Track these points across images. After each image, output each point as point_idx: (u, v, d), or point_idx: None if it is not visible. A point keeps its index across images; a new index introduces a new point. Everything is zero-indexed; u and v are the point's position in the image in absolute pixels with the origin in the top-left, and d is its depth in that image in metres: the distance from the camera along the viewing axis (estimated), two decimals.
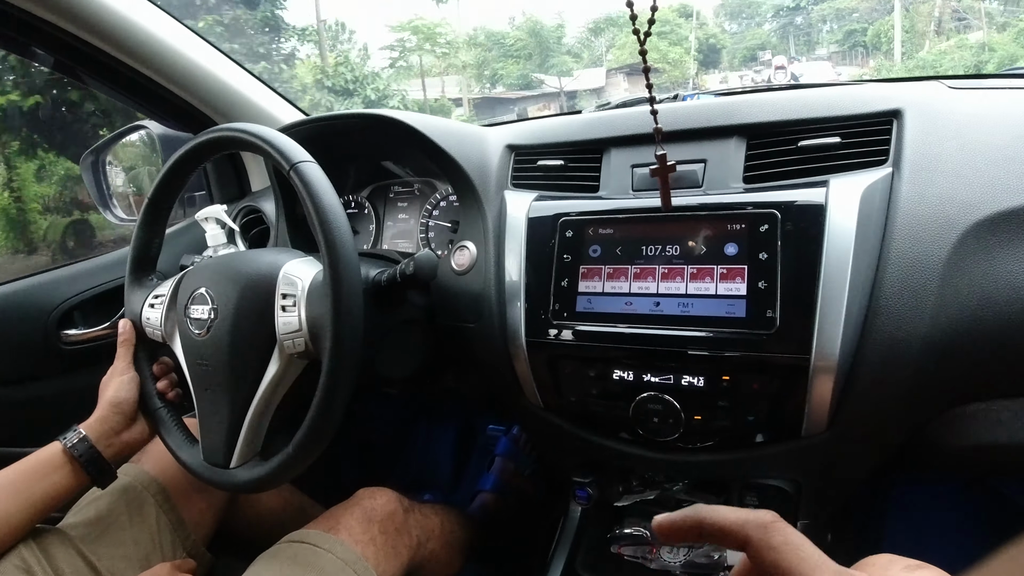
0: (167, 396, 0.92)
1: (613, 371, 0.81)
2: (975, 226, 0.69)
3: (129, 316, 0.93)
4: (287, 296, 0.77)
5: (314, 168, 0.75)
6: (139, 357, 0.92)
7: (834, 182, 0.74)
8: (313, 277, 0.79)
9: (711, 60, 37.31)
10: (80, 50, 1.09)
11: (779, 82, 6.92)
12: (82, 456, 0.84)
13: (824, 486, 0.86)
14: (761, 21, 41.80)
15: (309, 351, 0.76)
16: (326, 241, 0.70)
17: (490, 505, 1.34)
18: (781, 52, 35.91)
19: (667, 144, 0.86)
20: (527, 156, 0.97)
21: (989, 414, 0.78)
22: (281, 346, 0.77)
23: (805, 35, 38.99)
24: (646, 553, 0.95)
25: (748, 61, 38.04)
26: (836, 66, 29.70)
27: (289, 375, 0.79)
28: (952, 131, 0.76)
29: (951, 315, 0.69)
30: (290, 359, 0.77)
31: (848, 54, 32.70)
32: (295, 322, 0.76)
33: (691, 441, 0.81)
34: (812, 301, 0.70)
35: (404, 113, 0.98)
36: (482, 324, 0.90)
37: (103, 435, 0.86)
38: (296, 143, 0.77)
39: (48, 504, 0.83)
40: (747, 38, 41.60)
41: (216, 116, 1.22)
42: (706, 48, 37.01)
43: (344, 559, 0.84)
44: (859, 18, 31.32)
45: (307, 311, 0.76)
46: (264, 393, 0.78)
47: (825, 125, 0.80)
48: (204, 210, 1.08)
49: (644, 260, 0.80)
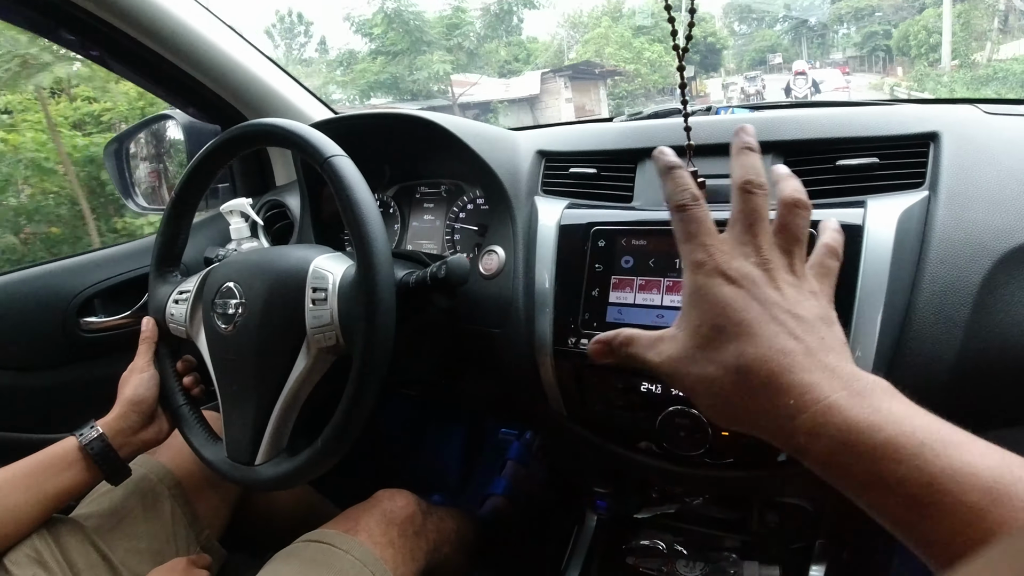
0: (192, 392, 0.91)
1: (641, 383, 0.81)
2: (1009, 253, 0.69)
3: (153, 312, 0.92)
4: (317, 290, 0.77)
5: (347, 162, 0.75)
6: (161, 354, 0.91)
7: (872, 203, 0.74)
8: (344, 272, 0.78)
9: (710, 62, 34.37)
10: (109, 36, 1.09)
11: (799, 88, 6.89)
12: (97, 453, 0.83)
13: (845, 506, 0.85)
14: (772, 22, 38.66)
15: (340, 346, 0.76)
16: (359, 236, 0.70)
17: (501, 509, 1.34)
18: (793, 56, 33.39)
19: (701, 158, 0.86)
20: (558, 163, 0.96)
21: (1015, 440, 0.78)
22: (310, 340, 0.76)
23: (819, 37, 36.26)
24: (662, 566, 0.95)
25: (757, 64, 35.38)
26: (851, 72, 27.10)
27: (317, 370, 0.78)
28: (988, 157, 0.76)
29: (981, 341, 0.68)
30: (319, 354, 0.77)
31: (868, 59, 29.89)
32: (326, 316, 0.75)
33: (715, 457, 0.80)
34: (847, 321, 0.69)
35: (436, 114, 0.98)
36: (508, 330, 0.90)
37: (120, 433, 0.85)
38: (328, 138, 0.77)
39: (61, 499, 0.83)
40: (755, 39, 38.81)
41: (245, 110, 1.22)
42: (703, 48, 34.19)
43: (362, 560, 0.84)
44: (881, 18, 27.92)
45: (339, 306, 0.75)
46: (292, 388, 0.77)
47: (863, 145, 0.80)
48: (229, 203, 1.08)
49: (677, 274, 0.79)
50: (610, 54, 22.32)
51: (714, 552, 0.94)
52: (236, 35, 1.19)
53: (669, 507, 0.93)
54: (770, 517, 0.88)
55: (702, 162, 0.85)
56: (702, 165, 0.85)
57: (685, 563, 0.94)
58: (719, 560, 0.93)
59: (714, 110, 1.00)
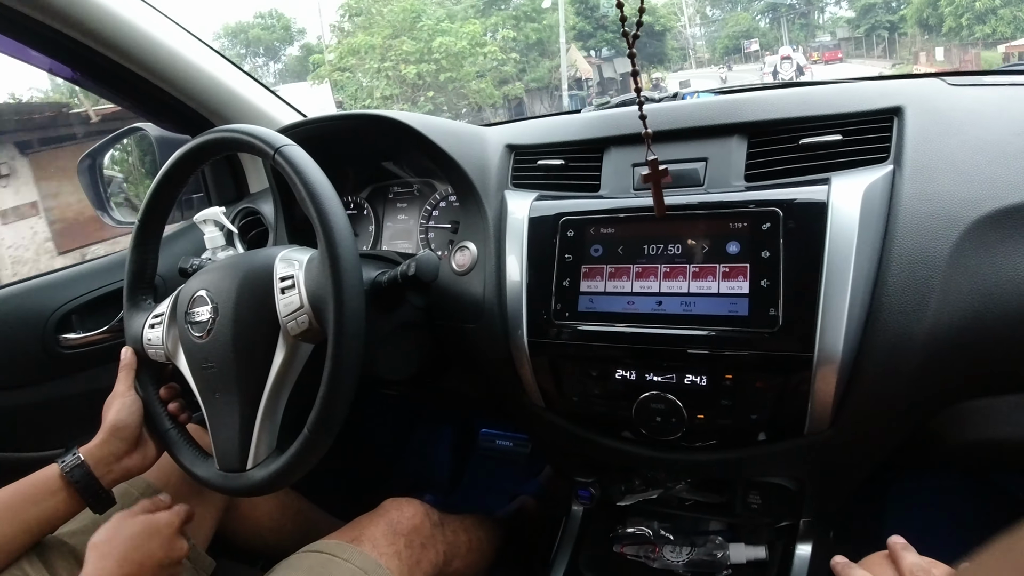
0: (179, 419, 0.90)
1: (615, 371, 0.81)
2: (977, 222, 0.69)
3: (130, 342, 0.91)
4: (285, 279, 0.77)
5: (297, 150, 0.75)
6: (144, 381, 0.90)
7: (836, 180, 0.74)
8: (309, 256, 0.79)
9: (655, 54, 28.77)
10: (76, 52, 1.08)
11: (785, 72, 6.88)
12: (79, 482, 0.81)
13: (827, 483, 0.86)
14: (748, 4, 33.83)
15: (313, 328, 0.75)
16: (317, 211, 0.70)
17: (529, 509, 1.34)
18: (772, 42, 29.76)
19: (668, 143, 0.87)
20: (527, 156, 0.96)
21: (992, 410, 0.78)
22: (285, 329, 0.76)
23: (802, 17, 31.31)
24: (649, 552, 0.95)
25: (731, 52, 31.76)
26: (845, 59, 24.54)
27: (297, 361, 0.78)
28: (953, 128, 0.76)
29: (954, 311, 0.68)
30: (295, 342, 0.77)
31: (865, 41, 25.25)
32: (296, 300, 0.75)
33: (694, 440, 0.80)
34: (815, 299, 0.70)
35: (403, 113, 0.98)
36: (483, 324, 0.90)
37: (102, 460, 0.83)
38: (276, 132, 0.77)
39: (43, 528, 0.81)
40: (728, 24, 34.00)
41: (213, 118, 1.22)
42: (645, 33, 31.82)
43: (363, 568, 0.83)
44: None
45: (307, 286, 0.75)
46: (273, 384, 0.77)
47: (826, 123, 0.80)
48: (202, 213, 1.07)
49: (646, 259, 0.79)
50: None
51: (700, 536, 0.95)
52: (201, 44, 1.18)
53: (651, 493, 0.93)
54: (752, 498, 0.88)
55: (669, 147, 0.86)
56: (669, 150, 0.86)
57: (672, 548, 0.94)
58: (705, 544, 0.93)
59: (680, 95, 1.01)
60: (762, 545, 0.91)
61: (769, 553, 0.91)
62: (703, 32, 36.49)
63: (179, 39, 1.15)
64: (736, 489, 0.90)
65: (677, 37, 33.06)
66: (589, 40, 26.92)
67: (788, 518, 0.88)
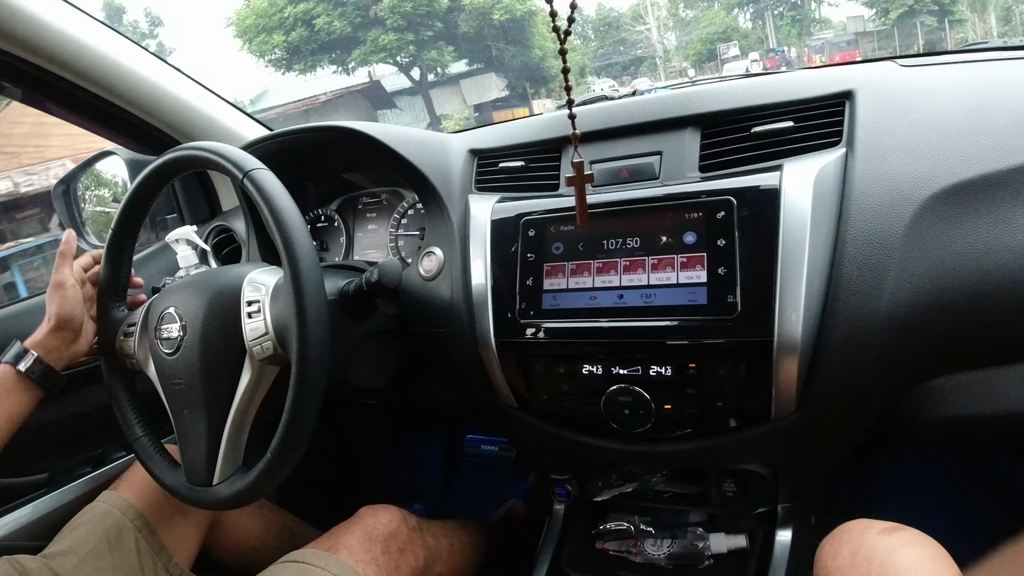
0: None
1: (582, 366, 0.81)
2: (930, 200, 0.69)
3: (103, 345, 0.93)
4: (252, 303, 0.78)
5: (267, 174, 0.75)
6: (115, 387, 0.91)
7: (788, 166, 0.75)
8: (276, 281, 0.79)
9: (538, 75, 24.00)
10: (40, 79, 1.09)
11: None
12: (38, 375, 0.85)
13: (801, 468, 0.86)
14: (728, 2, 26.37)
15: (278, 354, 0.76)
16: (283, 241, 0.71)
17: (518, 513, 1.34)
18: (755, 43, 24.22)
19: (623, 139, 0.87)
20: (489, 159, 0.97)
21: (961, 387, 0.78)
22: (251, 353, 0.77)
23: (792, 9, 23.22)
24: (631, 547, 0.95)
25: (705, 60, 25.92)
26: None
27: (263, 383, 0.79)
28: (904, 108, 0.76)
29: (912, 289, 0.69)
30: (261, 366, 0.77)
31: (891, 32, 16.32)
32: (261, 326, 0.76)
33: (664, 431, 0.81)
34: (771, 284, 0.70)
35: (365, 124, 0.98)
36: (452, 328, 0.91)
37: (53, 351, 0.88)
38: (247, 153, 0.77)
39: (10, 426, 0.84)
40: (701, 23, 27.37)
41: (180, 137, 1.22)
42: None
43: (338, 575, 0.83)
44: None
45: (272, 313, 0.76)
46: (240, 404, 0.78)
47: (778, 110, 0.81)
48: (174, 232, 1.08)
49: (606, 254, 0.80)
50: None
51: (680, 528, 0.95)
52: (161, 62, 1.19)
53: (627, 486, 0.93)
54: (727, 486, 0.89)
55: (624, 142, 0.87)
56: (624, 145, 0.87)
57: (653, 542, 0.94)
58: (686, 535, 0.93)
59: (639, 92, 1.01)
60: (742, 534, 0.92)
61: (750, 541, 0.91)
62: (676, 37, 32.30)
63: (141, 60, 1.16)
64: (711, 478, 0.91)
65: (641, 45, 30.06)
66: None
67: (765, 504, 0.89)
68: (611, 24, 32.11)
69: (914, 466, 1.28)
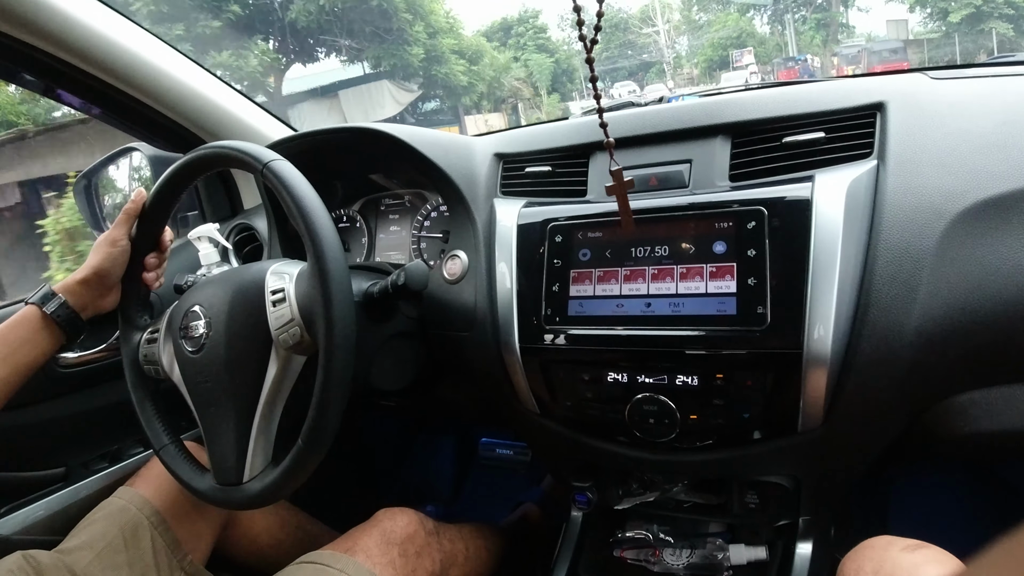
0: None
1: (607, 374, 0.81)
2: (962, 214, 0.69)
3: (128, 360, 0.93)
4: (276, 292, 0.78)
5: (285, 164, 0.76)
6: (141, 397, 0.92)
7: (820, 177, 0.74)
8: (300, 269, 0.79)
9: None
10: (67, 74, 1.09)
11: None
12: (62, 319, 0.86)
13: (823, 481, 0.85)
14: (744, 6, 24.45)
15: (305, 341, 0.76)
16: (306, 225, 0.71)
17: (532, 517, 1.34)
18: (773, 50, 22.61)
19: (653, 146, 0.87)
20: (515, 164, 0.97)
21: (987, 402, 0.78)
22: (277, 343, 0.77)
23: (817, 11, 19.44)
24: (649, 556, 0.94)
25: (717, 67, 23.79)
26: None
27: (290, 374, 0.78)
28: (936, 121, 0.76)
29: (942, 304, 0.68)
30: (288, 355, 0.77)
31: (957, 39, 13.31)
32: (287, 313, 0.76)
33: (688, 441, 0.80)
34: (802, 296, 0.70)
35: (392, 125, 0.98)
36: (475, 332, 0.90)
37: (81, 298, 0.88)
38: (264, 147, 0.78)
39: (31, 367, 0.85)
40: (713, 28, 24.64)
41: (205, 135, 1.23)
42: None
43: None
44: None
45: (297, 299, 0.76)
46: (267, 397, 0.77)
47: (809, 121, 0.80)
48: (196, 230, 1.08)
49: (634, 262, 0.80)
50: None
51: (700, 538, 0.94)
52: (190, 62, 1.19)
53: (648, 496, 0.93)
54: (749, 498, 0.88)
55: (653, 150, 0.87)
56: (653, 152, 0.87)
57: (672, 551, 0.93)
58: (705, 545, 0.93)
59: (666, 99, 1.01)
60: (762, 545, 0.91)
61: (769, 553, 0.90)
62: (688, 41, 30.92)
63: (170, 59, 1.16)
64: (733, 489, 0.90)
65: (650, 49, 29.10)
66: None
67: (786, 517, 0.88)
68: (617, 26, 30.94)
69: (928, 476, 1.27)
